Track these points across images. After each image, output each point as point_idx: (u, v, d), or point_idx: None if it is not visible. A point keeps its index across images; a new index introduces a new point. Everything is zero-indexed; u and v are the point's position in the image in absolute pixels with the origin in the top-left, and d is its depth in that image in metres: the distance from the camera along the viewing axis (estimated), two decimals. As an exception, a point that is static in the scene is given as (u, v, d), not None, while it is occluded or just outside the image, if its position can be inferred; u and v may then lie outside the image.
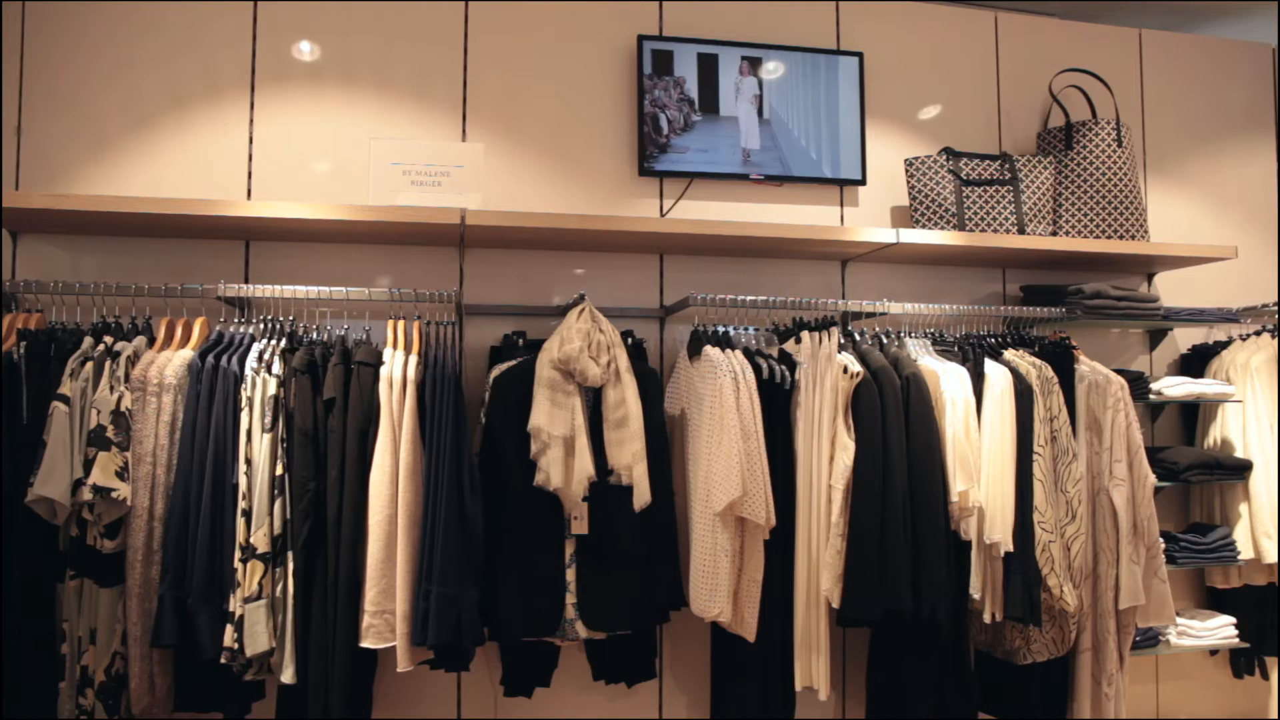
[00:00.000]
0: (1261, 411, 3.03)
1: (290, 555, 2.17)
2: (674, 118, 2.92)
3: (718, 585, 2.32)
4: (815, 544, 2.43)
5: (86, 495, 2.10)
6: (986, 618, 2.49)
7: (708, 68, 2.95)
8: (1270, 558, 2.96)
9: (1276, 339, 3.10)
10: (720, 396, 2.35)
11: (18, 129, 2.59)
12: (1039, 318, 2.90)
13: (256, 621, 2.10)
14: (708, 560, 2.33)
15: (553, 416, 2.30)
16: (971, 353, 2.67)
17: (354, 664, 2.20)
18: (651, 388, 2.48)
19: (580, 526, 2.37)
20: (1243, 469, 2.98)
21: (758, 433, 2.35)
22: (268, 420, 2.19)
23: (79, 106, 2.62)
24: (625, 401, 2.36)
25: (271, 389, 2.21)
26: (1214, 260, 3.10)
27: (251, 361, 2.24)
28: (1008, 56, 3.29)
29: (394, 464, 2.23)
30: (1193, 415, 3.26)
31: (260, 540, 2.13)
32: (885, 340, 2.70)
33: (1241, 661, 3.19)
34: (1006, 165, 3.02)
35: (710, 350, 2.45)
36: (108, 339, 2.27)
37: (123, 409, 2.19)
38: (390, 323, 2.39)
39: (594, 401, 2.40)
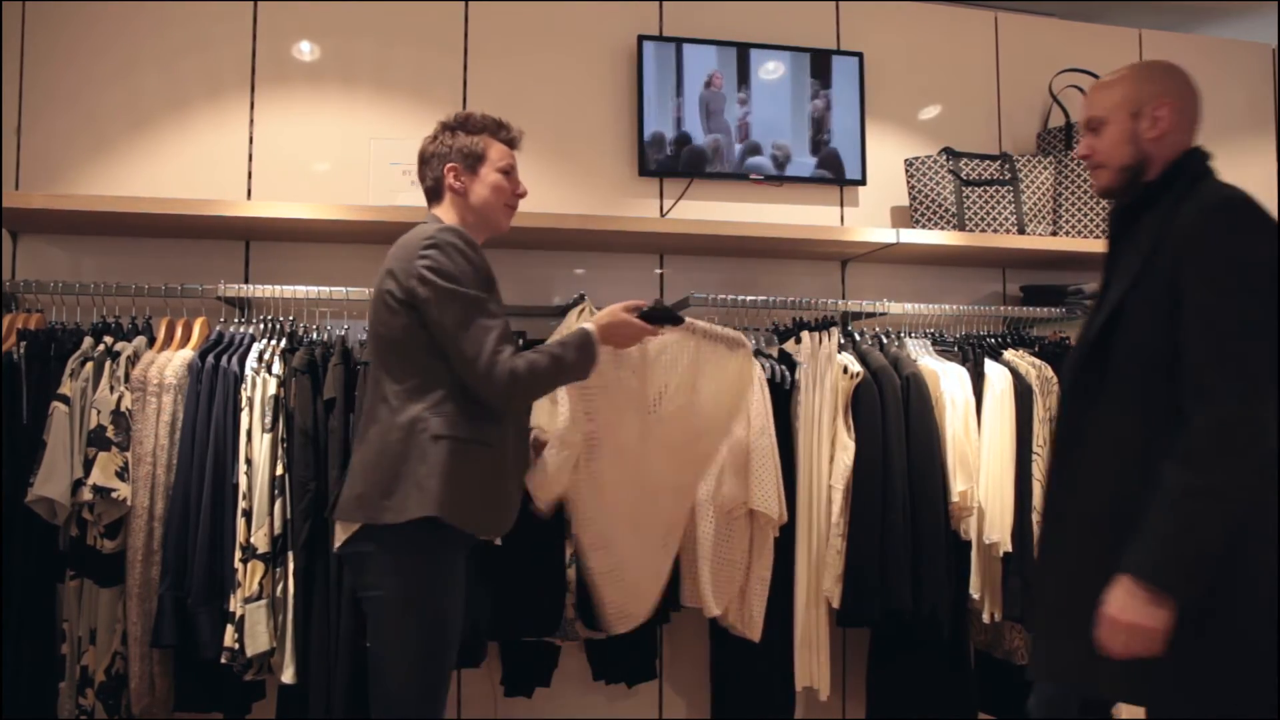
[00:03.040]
0: (1261, 411, 3.02)
1: (291, 555, 2.17)
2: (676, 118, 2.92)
3: (731, 582, 2.33)
4: (815, 544, 2.43)
5: (86, 495, 2.10)
6: (986, 618, 2.49)
7: (708, 67, 2.95)
8: (1270, 558, 2.95)
9: (1276, 339, 3.09)
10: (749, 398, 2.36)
11: (18, 129, 2.59)
12: (1039, 318, 2.90)
13: (257, 621, 2.10)
14: (713, 556, 2.34)
15: (553, 416, 2.30)
16: (971, 353, 2.67)
17: (356, 664, 2.20)
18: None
19: (580, 526, 2.37)
20: (1243, 469, 2.97)
21: (769, 428, 2.36)
22: (268, 420, 2.19)
23: (79, 106, 2.62)
24: (625, 401, 2.36)
25: (271, 389, 2.21)
26: (1214, 260, 3.09)
27: (251, 361, 2.24)
28: (1008, 56, 3.29)
29: (394, 464, 2.22)
30: (1193, 415, 3.25)
31: (260, 540, 2.13)
32: (885, 340, 2.70)
33: (1241, 661, 3.18)
34: (1006, 165, 3.02)
35: None
36: (108, 339, 2.27)
37: (123, 409, 2.19)
38: (390, 323, 2.39)
39: (594, 401, 2.40)
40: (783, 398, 2.49)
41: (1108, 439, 1.52)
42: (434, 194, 1.93)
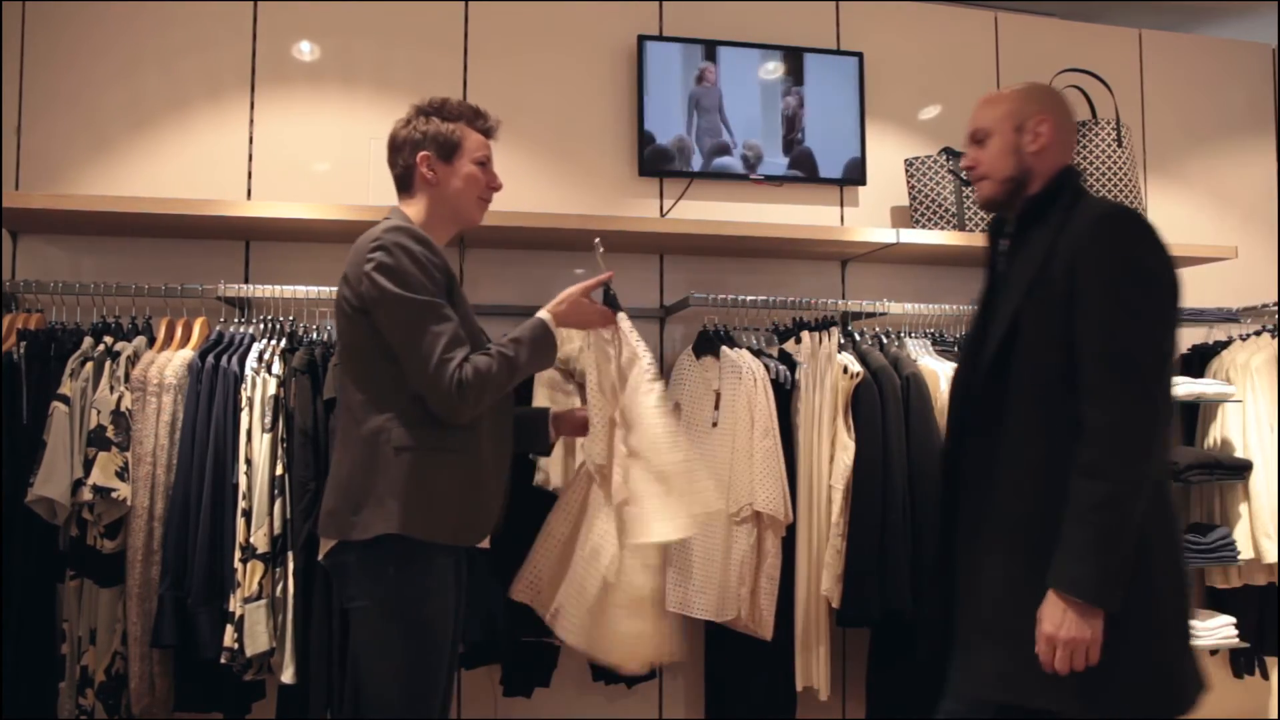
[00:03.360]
0: (1261, 411, 3.02)
1: (290, 555, 2.17)
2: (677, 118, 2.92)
3: (740, 584, 2.33)
4: (815, 544, 2.43)
5: (86, 495, 2.10)
6: (986, 618, 2.49)
7: (686, 63, 2.95)
8: (1270, 558, 2.95)
9: (1276, 339, 3.09)
10: (754, 399, 2.37)
11: (18, 129, 2.59)
12: (1039, 318, 2.90)
13: (257, 621, 2.10)
14: (725, 560, 2.34)
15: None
16: (971, 353, 2.66)
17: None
18: (651, 388, 2.48)
19: (580, 526, 2.36)
20: (1243, 469, 2.97)
21: (773, 430, 2.37)
22: (268, 420, 2.19)
23: (80, 106, 2.62)
24: (625, 401, 2.36)
25: (271, 389, 2.21)
26: (1214, 260, 3.09)
27: (251, 361, 2.25)
28: (1008, 56, 3.28)
29: (394, 464, 2.22)
30: (1193, 415, 3.25)
31: (260, 540, 2.13)
32: (885, 340, 2.70)
33: (1241, 661, 3.18)
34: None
35: (730, 352, 2.48)
36: (108, 339, 2.27)
37: (123, 409, 2.19)
38: (390, 323, 2.38)
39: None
40: (783, 398, 2.49)
41: (1018, 450, 1.54)
42: (404, 183, 1.82)
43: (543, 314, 1.78)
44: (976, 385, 1.61)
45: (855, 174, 3.05)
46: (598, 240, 1.97)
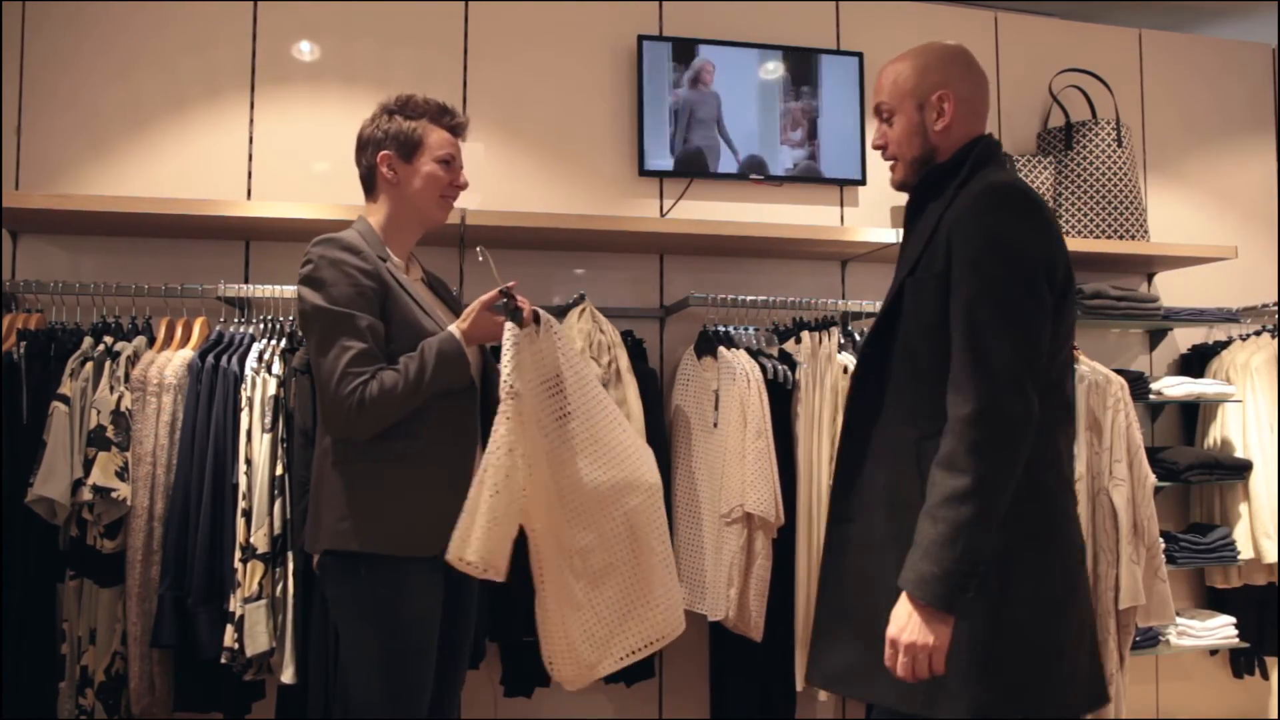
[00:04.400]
0: (1261, 411, 3.02)
1: (290, 555, 2.17)
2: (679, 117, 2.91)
3: (729, 585, 2.33)
4: (815, 544, 2.43)
5: (86, 495, 2.10)
6: (986, 618, 2.48)
7: (708, 66, 2.95)
8: (1270, 557, 2.95)
9: (1276, 339, 3.09)
10: (746, 400, 2.37)
11: (18, 129, 2.59)
12: (1039, 318, 2.90)
13: (257, 621, 2.10)
14: (716, 560, 2.34)
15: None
16: (971, 353, 2.66)
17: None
18: (651, 388, 2.49)
19: (580, 526, 2.36)
20: (1243, 469, 2.98)
21: (766, 431, 2.37)
22: (268, 420, 2.19)
23: (79, 106, 2.61)
24: (626, 401, 2.37)
25: (271, 389, 2.21)
26: (1214, 260, 3.09)
27: (251, 361, 2.25)
28: (1008, 56, 3.28)
29: (394, 464, 2.22)
30: (1193, 415, 3.25)
31: (260, 540, 2.13)
32: (885, 340, 2.69)
33: (1241, 661, 3.18)
34: (1006, 165, 3.02)
35: (727, 353, 2.48)
36: (108, 339, 2.27)
37: (123, 409, 2.19)
38: (390, 323, 2.38)
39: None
40: (783, 398, 2.49)
41: (884, 437, 1.47)
42: (368, 184, 1.81)
43: (453, 328, 1.72)
44: (859, 370, 1.54)
45: (855, 174, 3.03)
46: (480, 248, 1.90)
